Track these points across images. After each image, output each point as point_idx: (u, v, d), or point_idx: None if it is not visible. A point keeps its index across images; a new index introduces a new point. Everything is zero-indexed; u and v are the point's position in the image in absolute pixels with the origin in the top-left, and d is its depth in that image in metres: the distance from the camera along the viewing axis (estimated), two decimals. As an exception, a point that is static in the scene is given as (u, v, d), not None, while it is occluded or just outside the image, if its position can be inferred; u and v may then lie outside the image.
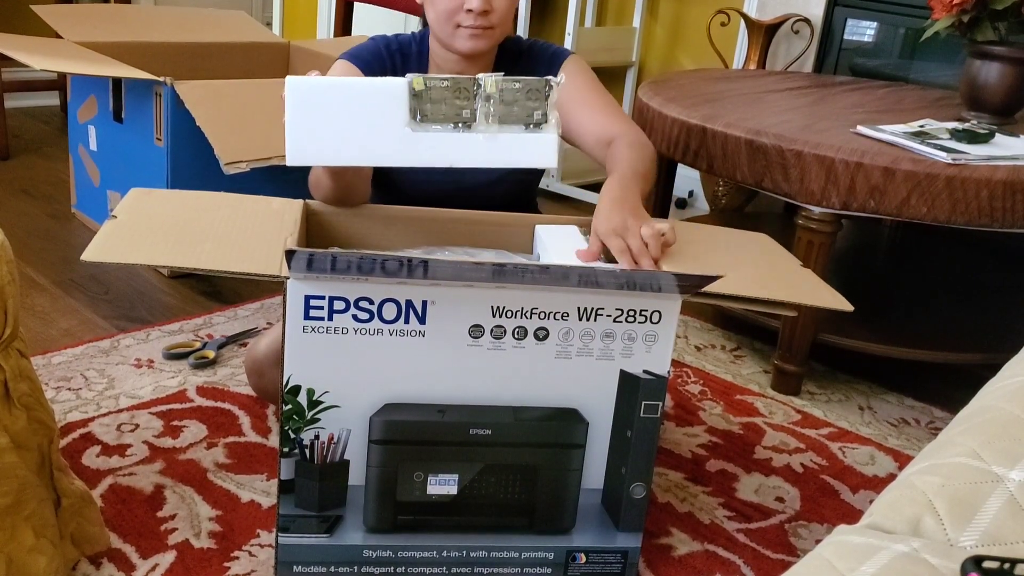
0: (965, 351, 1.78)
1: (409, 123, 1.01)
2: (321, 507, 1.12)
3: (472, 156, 1.02)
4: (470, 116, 1.01)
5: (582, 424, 1.14)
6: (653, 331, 1.10)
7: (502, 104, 1.01)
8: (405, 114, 1.01)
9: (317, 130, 1.02)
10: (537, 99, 1.02)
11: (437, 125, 1.01)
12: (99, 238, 1.05)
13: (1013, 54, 1.85)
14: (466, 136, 1.02)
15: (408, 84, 1.00)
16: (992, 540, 0.61)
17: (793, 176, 1.64)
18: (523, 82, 1.01)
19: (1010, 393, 0.80)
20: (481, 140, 1.02)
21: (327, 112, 1.01)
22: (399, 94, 1.00)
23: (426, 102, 1.01)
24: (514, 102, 1.02)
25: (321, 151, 1.02)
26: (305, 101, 1.01)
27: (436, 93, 1.00)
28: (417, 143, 1.02)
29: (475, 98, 1.01)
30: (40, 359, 1.67)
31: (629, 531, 1.19)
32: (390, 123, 1.01)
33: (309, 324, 1.04)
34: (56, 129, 3.28)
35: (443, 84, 1.00)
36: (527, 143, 1.02)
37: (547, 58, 1.44)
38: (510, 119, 1.02)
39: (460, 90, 1.00)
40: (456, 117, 1.01)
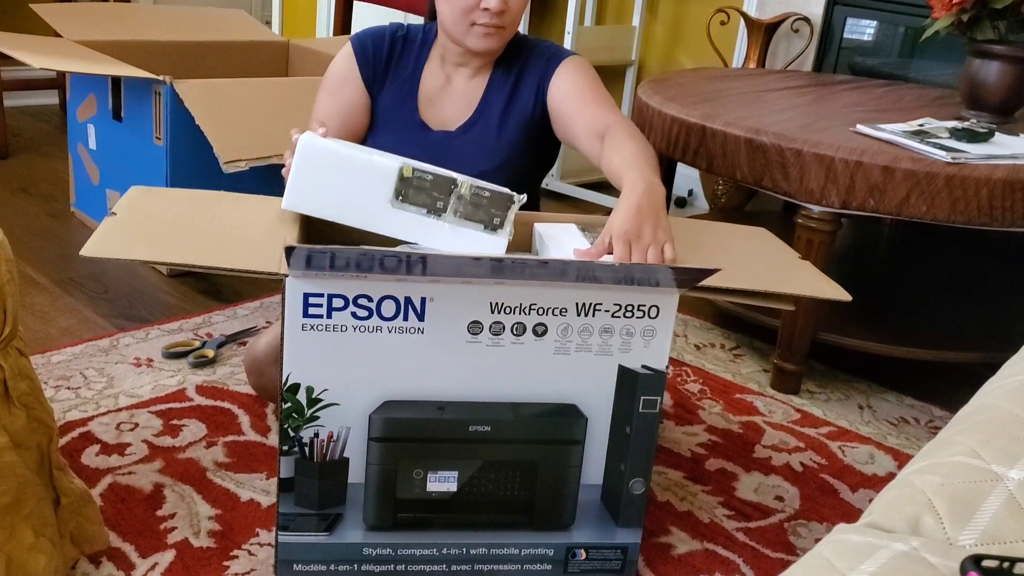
0: (964, 350, 1.78)
1: (391, 200, 1.16)
2: (321, 505, 1.12)
3: (433, 239, 1.17)
4: (442, 208, 1.16)
5: (581, 420, 1.14)
6: (651, 326, 1.11)
7: (471, 205, 1.16)
8: (390, 193, 1.15)
9: (315, 186, 1.16)
10: (500, 208, 1.17)
11: (413, 208, 1.16)
12: (98, 234, 1.05)
13: (1013, 53, 1.85)
14: (434, 223, 1.17)
15: (399, 170, 1.15)
16: (991, 539, 0.61)
17: (793, 175, 1.64)
18: (492, 192, 1.16)
19: (1009, 392, 0.80)
20: (446, 228, 1.17)
21: (327, 174, 1.16)
22: (391, 176, 1.15)
23: (409, 187, 1.16)
24: (480, 206, 1.17)
25: (313, 204, 1.17)
26: (312, 160, 1.16)
27: (419, 183, 1.16)
28: (393, 217, 1.17)
29: (450, 195, 1.16)
30: (39, 358, 1.67)
31: (628, 527, 1.20)
32: (376, 197, 1.16)
33: (308, 322, 1.04)
34: (55, 128, 3.28)
35: (428, 178, 1.16)
36: (481, 241, 1.17)
37: (547, 56, 1.44)
38: (474, 218, 1.17)
39: (439, 186, 1.16)
40: (430, 206, 1.16)
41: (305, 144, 1.16)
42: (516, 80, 1.43)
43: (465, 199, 1.16)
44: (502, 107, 1.42)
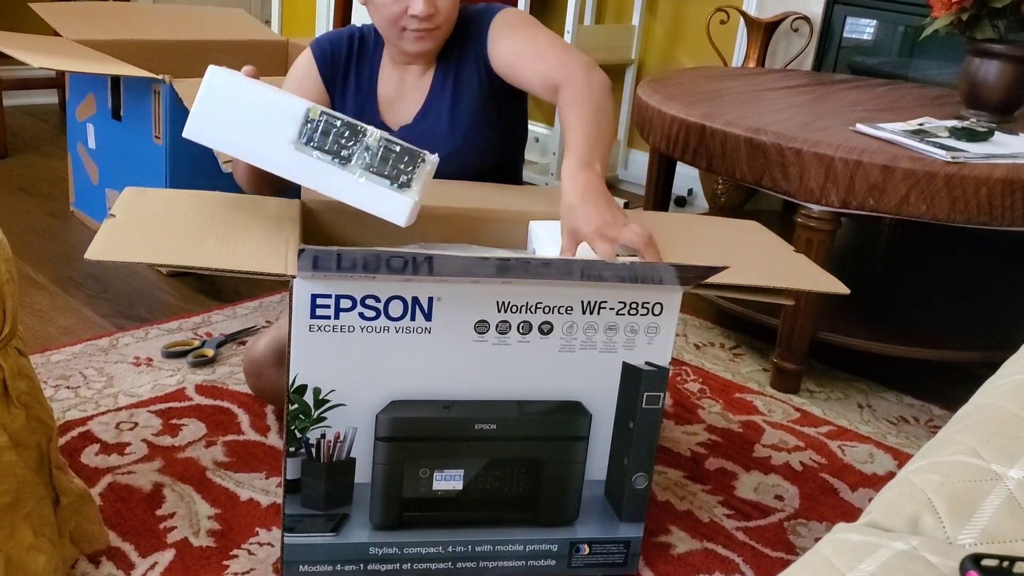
0: (964, 349, 1.78)
1: (295, 141, 1.10)
2: (328, 506, 1.12)
3: (336, 190, 1.11)
4: (348, 157, 1.10)
5: (586, 416, 1.14)
6: (655, 323, 1.11)
7: (379, 158, 1.10)
8: (295, 133, 1.10)
9: (218, 118, 1.10)
10: (409, 165, 1.11)
11: (318, 152, 1.10)
12: (101, 237, 1.05)
13: (1012, 52, 1.85)
14: (338, 171, 1.10)
15: (307, 110, 1.09)
16: (991, 538, 0.61)
17: (792, 174, 1.64)
18: (402, 147, 1.10)
19: (1009, 391, 0.80)
20: (350, 179, 1.10)
21: (232, 106, 1.10)
22: (297, 115, 1.10)
23: (316, 131, 1.10)
24: (388, 160, 1.10)
25: (214, 137, 1.11)
26: (218, 89, 1.10)
27: (326, 127, 1.10)
28: (296, 160, 1.10)
29: (357, 143, 1.10)
30: (39, 357, 1.67)
31: (631, 521, 1.20)
32: (280, 136, 1.10)
33: (316, 323, 1.04)
34: (55, 127, 3.28)
35: (337, 123, 1.10)
36: (385, 198, 1.10)
37: (477, 25, 1.43)
38: (381, 172, 1.10)
39: (348, 133, 1.10)
40: (336, 152, 1.10)
41: (213, 72, 1.11)
42: (459, 59, 1.44)
43: (373, 150, 1.10)
44: (451, 90, 1.44)
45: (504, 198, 1.39)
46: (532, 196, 1.43)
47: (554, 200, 1.40)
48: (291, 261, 1.05)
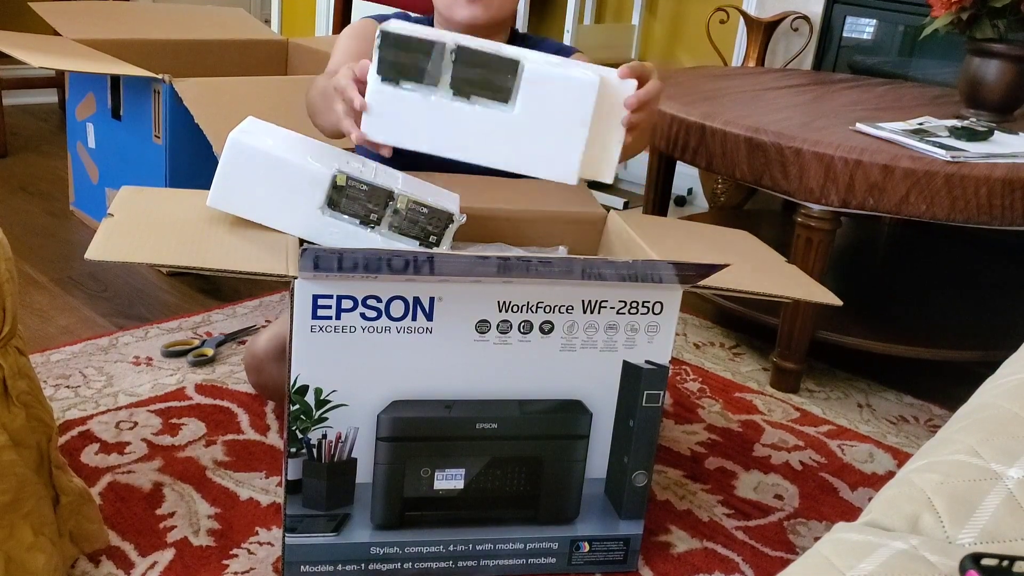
0: (964, 348, 1.78)
1: (322, 208, 1.11)
2: (329, 506, 1.12)
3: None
4: (376, 221, 1.12)
5: (586, 415, 1.14)
6: (655, 322, 1.11)
7: (407, 220, 1.12)
8: (321, 200, 1.11)
9: (242, 186, 1.11)
10: (437, 226, 1.13)
11: (346, 217, 1.12)
12: (100, 236, 1.05)
13: (1012, 52, 1.85)
14: (366, 234, 1.12)
15: (332, 178, 1.09)
16: (991, 537, 0.61)
17: (792, 174, 1.64)
18: (431, 209, 1.12)
19: (1009, 390, 0.80)
20: (379, 242, 1.13)
21: (256, 174, 1.10)
22: (322, 181, 1.10)
23: (343, 196, 1.10)
24: (417, 222, 1.12)
25: (239, 205, 1.12)
26: (240, 158, 1.11)
27: (353, 192, 1.10)
28: (324, 226, 1.12)
29: (386, 207, 1.11)
30: (39, 357, 1.67)
31: (631, 519, 1.21)
32: (307, 203, 1.11)
33: (317, 324, 1.04)
34: (54, 127, 3.27)
35: (363, 188, 1.11)
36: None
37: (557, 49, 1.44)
38: (410, 233, 1.13)
39: (375, 197, 1.11)
40: (364, 217, 1.12)
41: (233, 142, 1.11)
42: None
43: (401, 214, 1.11)
44: None
45: (534, 196, 1.39)
46: (564, 194, 1.42)
47: (589, 198, 1.40)
48: (292, 261, 1.05)
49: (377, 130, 1.09)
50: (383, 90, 1.07)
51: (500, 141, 1.08)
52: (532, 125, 1.07)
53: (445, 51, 1.05)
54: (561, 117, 1.07)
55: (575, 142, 1.09)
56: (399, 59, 1.05)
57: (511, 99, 1.07)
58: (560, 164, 1.09)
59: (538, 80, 1.06)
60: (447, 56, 1.05)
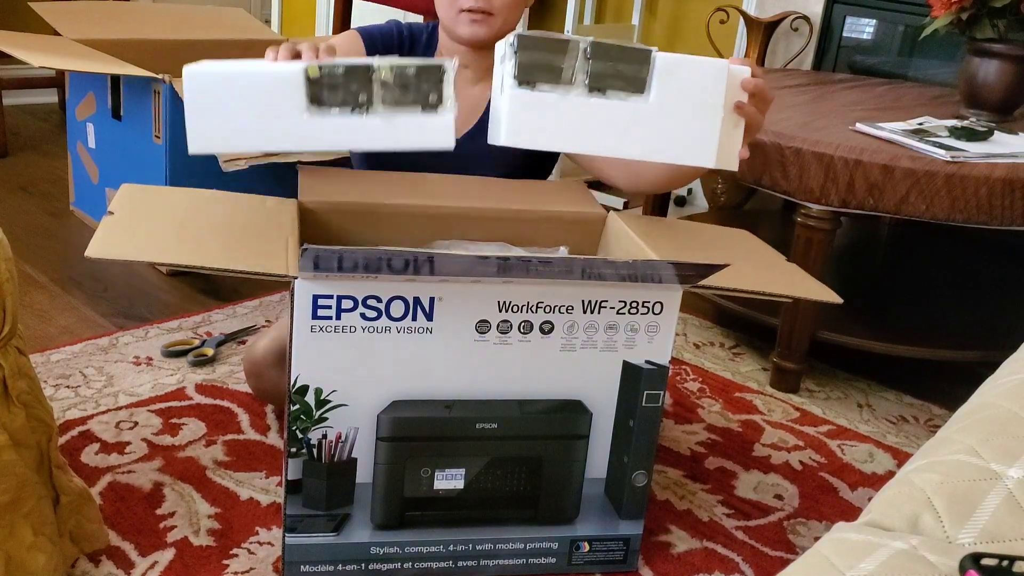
0: (964, 348, 1.78)
1: (307, 109, 1.02)
2: (329, 506, 1.12)
3: (371, 140, 1.03)
4: (366, 100, 1.02)
5: (586, 415, 1.14)
6: (655, 322, 1.11)
7: (397, 88, 1.02)
8: (303, 101, 1.01)
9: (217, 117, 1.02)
10: (431, 81, 1.02)
11: (335, 110, 1.02)
12: (100, 235, 1.05)
13: (1012, 52, 1.85)
14: (364, 120, 1.02)
15: (303, 71, 1.00)
16: (990, 537, 0.61)
17: (792, 174, 1.64)
18: (417, 67, 1.02)
19: (1009, 390, 0.80)
20: (379, 124, 1.03)
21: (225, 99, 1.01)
22: (295, 80, 1.01)
23: (322, 88, 1.01)
24: (409, 86, 1.02)
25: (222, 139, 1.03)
26: (203, 89, 1.01)
27: (331, 79, 1.01)
28: (316, 128, 1.03)
29: (370, 83, 1.01)
30: (39, 357, 1.67)
31: (631, 519, 1.21)
32: (289, 109, 1.01)
33: (317, 324, 1.04)
34: (54, 126, 3.27)
35: (339, 71, 1.00)
36: (424, 125, 1.03)
37: None
38: (406, 102, 1.02)
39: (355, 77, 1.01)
40: (352, 102, 1.02)
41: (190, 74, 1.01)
42: None
43: (389, 84, 1.01)
44: None
45: (534, 196, 1.39)
46: (564, 194, 1.42)
47: (589, 198, 1.41)
48: (292, 261, 1.05)
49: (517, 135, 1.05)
50: (521, 95, 1.04)
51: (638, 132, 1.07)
52: (668, 113, 1.07)
53: (579, 49, 1.04)
54: (695, 102, 1.07)
55: (711, 125, 1.08)
56: (536, 61, 1.03)
57: (646, 89, 1.06)
58: (698, 149, 1.08)
59: (671, 67, 1.06)
60: (582, 53, 1.04)
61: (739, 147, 1.11)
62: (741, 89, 1.09)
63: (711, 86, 1.07)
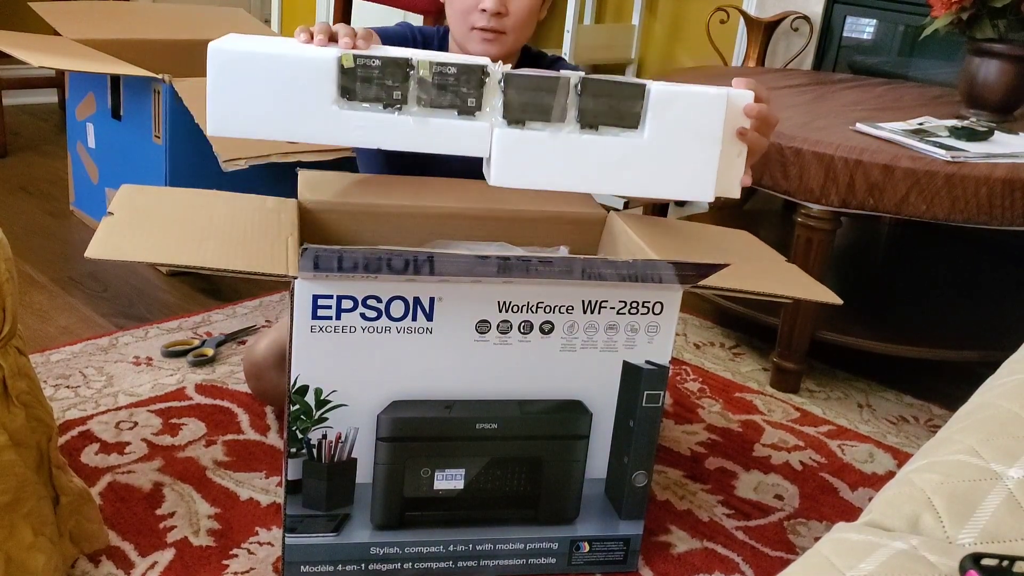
0: (964, 348, 1.78)
1: (337, 101, 0.97)
2: (329, 506, 1.12)
3: (401, 140, 0.99)
4: (401, 98, 0.97)
5: (586, 415, 1.14)
6: (655, 322, 1.11)
7: (435, 88, 0.97)
8: (333, 91, 0.97)
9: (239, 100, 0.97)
10: (471, 85, 0.98)
11: (366, 104, 0.97)
12: (100, 235, 1.05)
13: (1012, 52, 1.85)
14: (396, 118, 0.98)
15: (337, 60, 0.96)
16: (991, 537, 0.61)
17: (792, 174, 1.64)
18: (458, 67, 0.98)
19: (1009, 391, 0.80)
20: (411, 124, 0.98)
21: (250, 81, 0.96)
22: (327, 68, 0.96)
23: (355, 81, 0.96)
24: (447, 87, 0.98)
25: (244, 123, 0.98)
26: (227, 68, 0.96)
27: (366, 71, 0.96)
28: (344, 122, 0.98)
29: (407, 80, 0.97)
30: (38, 357, 1.67)
31: (631, 519, 1.21)
32: (317, 99, 0.96)
33: (317, 324, 1.04)
34: (54, 126, 3.27)
35: (375, 63, 0.96)
36: (459, 131, 0.99)
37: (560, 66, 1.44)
38: (443, 104, 0.98)
39: (391, 71, 0.96)
40: (387, 99, 0.97)
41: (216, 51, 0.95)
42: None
43: (427, 82, 0.96)
44: None
45: (534, 197, 1.38)
46: (564, 194, 1.42)
47: (589, 198, 1.40)
48: (292, 261, 1.05)
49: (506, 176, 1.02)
50: (509, 135, 1.01)
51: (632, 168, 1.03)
52: (663, 147, 1.03)
53: (569, 86, 1.00)
54: (692, 135, 1.03)
55: (709, 158, 1.05)
56: (525, 100, 0.99)
57: (640, 124, 1.03)
58: (696, 183, 1.05)
59: (666, 100, 1.02)
60: (572, 90, 1.00)
61: (741, 174, 1.09)
62: (743, 115, 1.07)
63: (709, 118, 1.04)
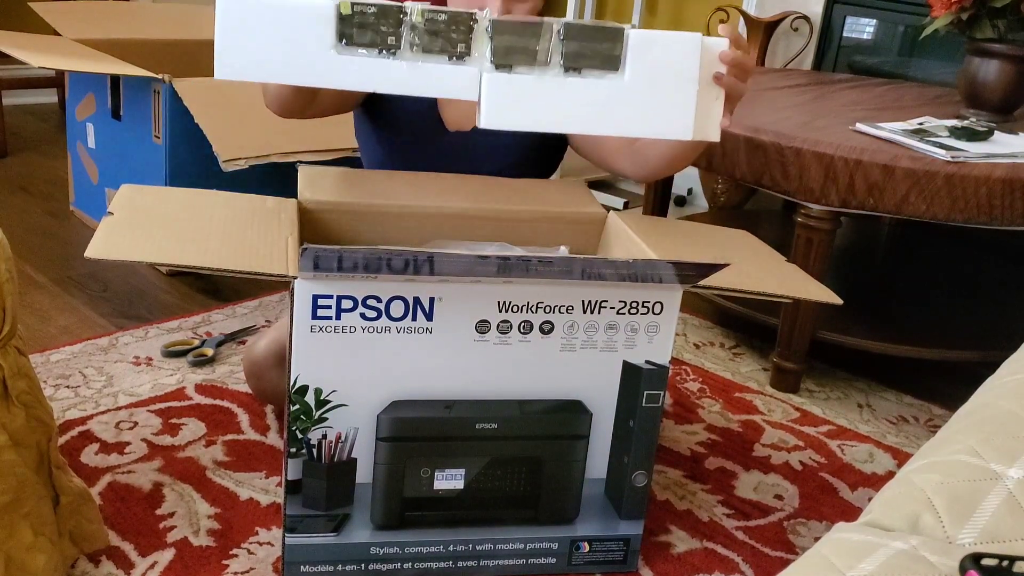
0: (964, 348, 1.78)
1: (335, 46, 1.02)
2: (329, 506, 1.12)
3: (395, 83, 1.03)
4: (395, 43, 1.02)
5: (586, 415, 1.14)
6: (655, 322, 1.11)
7: (427, 34, 1.02)
8: (332, 36, 1.02)
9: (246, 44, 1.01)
10: (461, 32, 1.03)
11: (363, 50, 1.02)
12: (100, 235, 1.05)
13: (1012, 52, 1.85)
14: (390, 63, 1.03)
15: (336, 7, 1.01)
16: (991, 537, 0.61)
17: (792, 174, 1.64)
18: (449, 14, 1.02)
19: (1009, 390, 0.80)
20: (405, 68, 1.03)
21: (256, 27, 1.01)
22: (327, 16, 1.01)
23: (352, 27, 1.01)
24: (438, 33, 1.02)
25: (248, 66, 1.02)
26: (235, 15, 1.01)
27: (363, 19, 1.01)
28: (342, 66, 1.02)
29: (401, 26, 1.02)
30: (38, 357, 1.67)
31: (631, 519, 1.21)
32: (317, 44, 1.02)
33: (317, 324, 1.04)
34: (54, 127, 3.27)
35: (371, 10, 1.01)
36: (449, 75, 1.03)
37: None
38: (434, 49, 1.03)
39: (386, 17, 1.01)
40: (381, 43, 1.02)
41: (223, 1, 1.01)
42: None
43: (420, 28, 1.02)
44: None
45: (534, 196, 1.39)
46: (564, 194, 1.42)
47: (589, 198, 1.41)
48: (292, 261, 1.05)
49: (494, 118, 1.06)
50: (498, 78, 1.05)
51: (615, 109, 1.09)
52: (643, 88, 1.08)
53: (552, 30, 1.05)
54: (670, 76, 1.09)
55: (687, 98, 1.10)
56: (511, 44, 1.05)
57: (620, 66, 1.08)
58: (675, 122, 1.10)
59: (644, 43, 1.07)
60: (555, 35, 1.05)
61: (719, 118, 1.11)
62: (720, 61, 1.10)
63: (685, 60, 1.08)
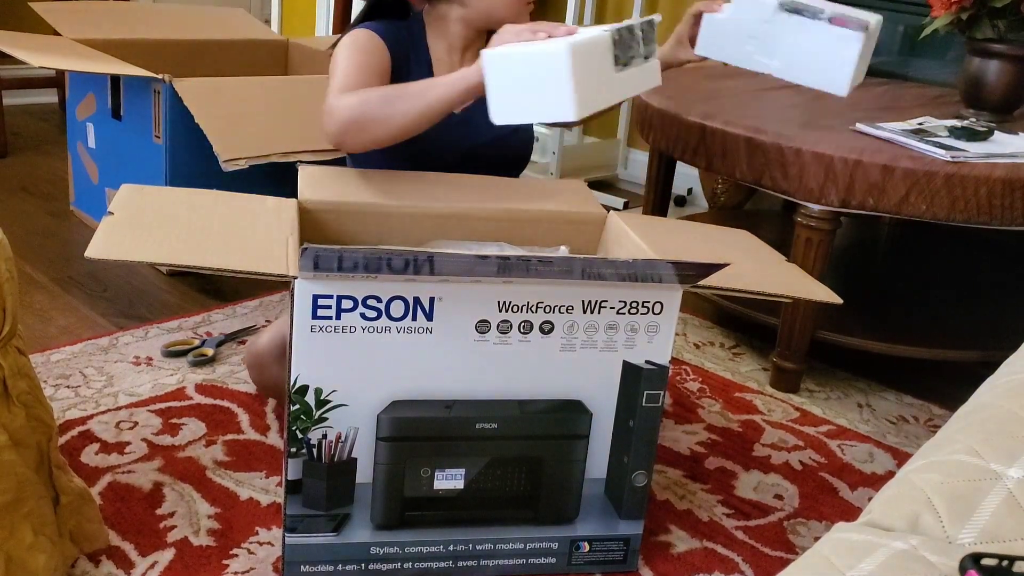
0: (964, 348, 1.78)
1: (614, 69, 1.23)
2: (329, 506, 1.12)
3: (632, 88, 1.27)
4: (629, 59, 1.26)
5: (586, 415, 1.14)
6: (655, 322, 1.11)
7: (642, 44, 1.28)
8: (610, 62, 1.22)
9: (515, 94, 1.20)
10: (651, 34, 1.29)
11: (621, 66, 1.24)
12: (100, 235, 1.05)
13: (1012, 51, 1.85)
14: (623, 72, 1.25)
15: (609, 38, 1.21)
16: (990, 537, 0.61)
17: (792, 174, 1.64)
18: (642, 23, 1.27)
19: (1009, 390, 0.80)
20: (635, 72, 1.27)
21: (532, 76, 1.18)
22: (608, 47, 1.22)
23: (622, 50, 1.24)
24: (649, 41, 1.29)
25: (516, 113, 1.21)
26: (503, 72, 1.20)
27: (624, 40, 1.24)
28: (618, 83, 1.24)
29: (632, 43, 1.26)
30: (39, 357, 1.67)
31: (631, 519, 1.21)
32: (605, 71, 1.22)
33: (317, 324, 1.04)
34: (55, 127, 3.28)
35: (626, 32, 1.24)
36: (647, 70, 1.30)
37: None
38: (642, 55, 1.28)
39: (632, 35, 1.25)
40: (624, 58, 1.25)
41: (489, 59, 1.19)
42: None
43: (638, 40, 1.26)
44: None
45: (534, 196, 1.39)
46: (564, 194, 1.42)
47: (589, 198, 1.41)
48: (292, 261, 1.05)
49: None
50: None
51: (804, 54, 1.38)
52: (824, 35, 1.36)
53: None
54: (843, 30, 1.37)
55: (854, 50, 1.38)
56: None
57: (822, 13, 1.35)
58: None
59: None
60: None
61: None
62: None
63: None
